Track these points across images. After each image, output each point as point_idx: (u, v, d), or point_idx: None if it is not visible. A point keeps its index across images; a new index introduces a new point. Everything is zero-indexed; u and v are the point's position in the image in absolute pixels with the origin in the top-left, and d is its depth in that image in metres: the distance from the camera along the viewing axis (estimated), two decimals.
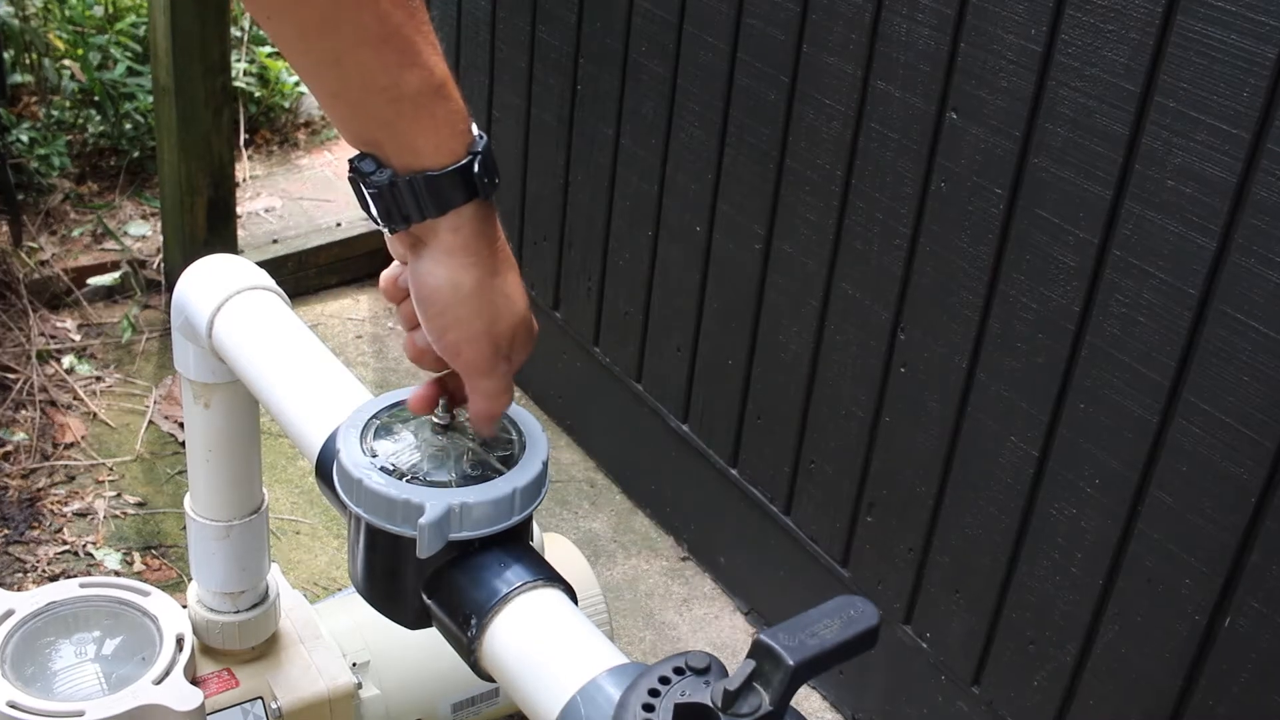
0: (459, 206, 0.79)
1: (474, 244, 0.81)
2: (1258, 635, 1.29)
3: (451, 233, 0.80)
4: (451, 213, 0.79)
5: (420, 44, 0.76)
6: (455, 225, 0.80)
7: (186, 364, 1.15)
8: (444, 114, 0.78)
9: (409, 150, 0.78)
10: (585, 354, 2.21)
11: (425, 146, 0.78)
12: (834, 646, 0.67)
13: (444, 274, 0.81)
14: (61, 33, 2.86)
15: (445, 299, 0.81)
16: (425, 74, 0.77)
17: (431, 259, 0.81)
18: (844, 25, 1.57)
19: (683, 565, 2.09)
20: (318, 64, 0.77)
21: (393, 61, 0.76)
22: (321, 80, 0.77)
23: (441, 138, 0.79)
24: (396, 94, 0.76)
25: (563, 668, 0.75)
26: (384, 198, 0.79)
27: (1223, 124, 1.22)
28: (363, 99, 0.77)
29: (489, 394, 0.85)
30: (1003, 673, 1.58)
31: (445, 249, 0.80)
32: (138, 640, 1.22)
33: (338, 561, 2.03)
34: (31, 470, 2.12)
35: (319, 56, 0.76)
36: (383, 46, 0.75)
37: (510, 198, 2.27)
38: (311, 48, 0.76)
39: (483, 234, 0.81)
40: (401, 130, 0.78)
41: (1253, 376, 1.24)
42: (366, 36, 0.74)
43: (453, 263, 0.81)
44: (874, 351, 1.65)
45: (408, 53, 0.76)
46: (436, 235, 0.80)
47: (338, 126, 0.80)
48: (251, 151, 3.07)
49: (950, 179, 1.49)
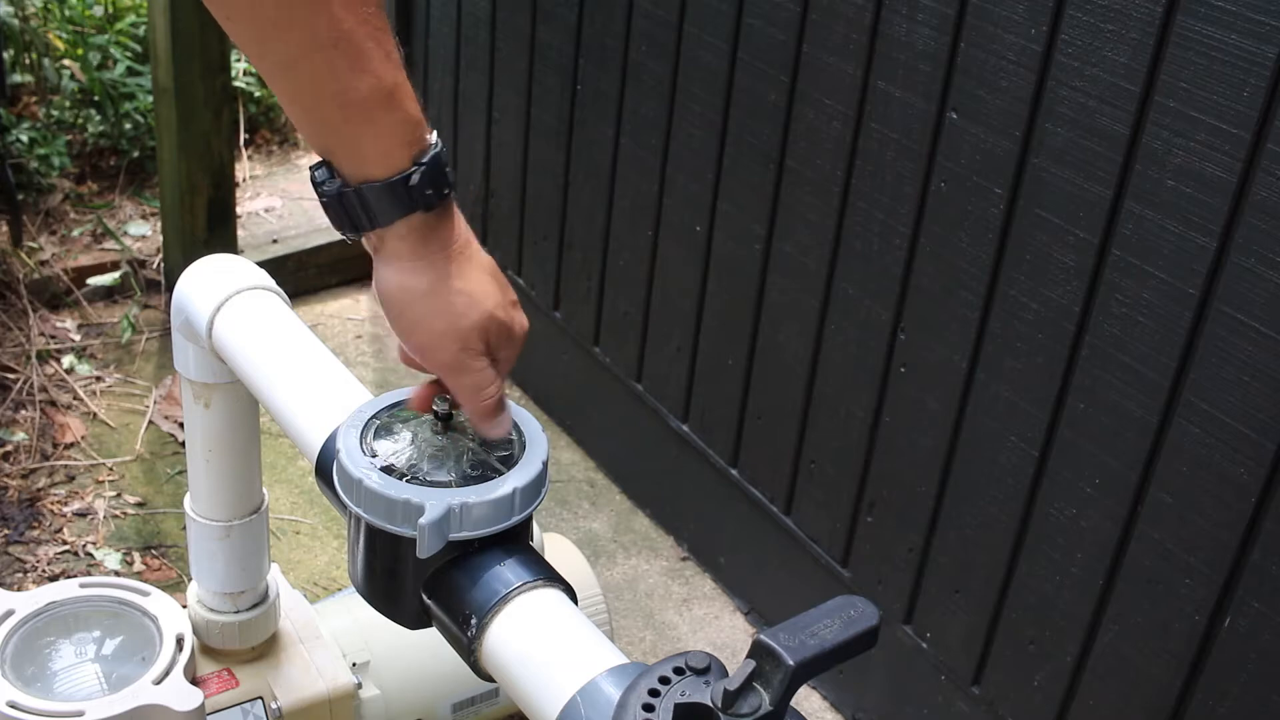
0: (402, 218, 0.80)
1: (422, 249, 0.82)
2: (1258, 635, 1.29)
3: (398, 240, 0.81)
4: (398, 221, 0.80)
5: (372, 51, 0.77)
6: (402, 234, 0.81)
7: (186, 364, 1.15)
8: (390, 123, 0.79)
9: (358, 158, 0.79)
10: (585, 354, 2.21)
11: (372, 155, 0.79)
12: (834, 646, 0.67)
13: (396, 278, 0.82)
14: (61, 33, 2.86)
15: (400, 301, 0.83)
16: (374, 81, 0.77)
17: (385, 264, 0.83)
18: (844, 25, 1.57)
19: (683, 565, 2.09)
20: (273, 67, 0.77)
21: (342, 67, 0.76)
22: (277, 84, 0.78)
23: (387, 146, 0.79)
24: (344, 100, 0.77)
25: (563, 668, 0.75)
26: (333, 207, 0.80)
27: (1223, 124, 1.22)
28: (314, 104, 0.78)
29: (469, 390, 0.86)
30: (1003, 673, 1.58)
31: (395, 255, 0.82)
32: (138, 640, 1.22)
33: (338, 561, 2.03)
34: (31, 470, 2.12)
35: (274, 60, 0.77)
36: (333, 51, 0.75)
37: (510, 198, 2.27)
38: (267, 51, 0.77)
39: (432, 239, 0.82)
40: (349, 137, 0.79)
41: (1253, 376, 1.24)
42: (318, 41, 0.75)
43: (403, 266, 0.82)
44: (874, 351, 1.65)
45: (358, 59, 0.76)
46: (385, 242, 0.82)
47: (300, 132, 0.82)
48: (251, 151, 3.07)
49: (950, 179, 1.49)
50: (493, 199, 2.32)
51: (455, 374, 0.85)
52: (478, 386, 0.86)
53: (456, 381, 0.86)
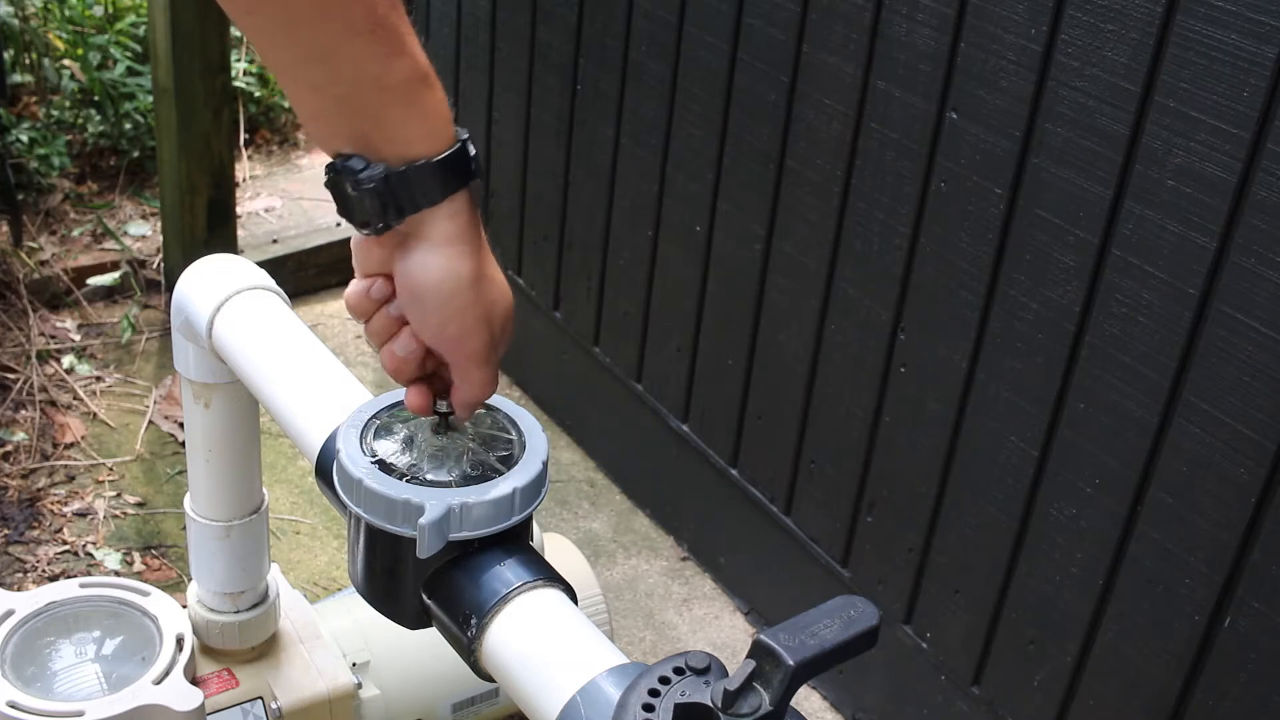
0: (455, 193, 0.79)
1: (469, 231, 0.81)
2: (1258, 635, 1.29)
3: (449, 220, 0.79)
4: (448, 200, 0.79)
5: (404, 32, 0.77)
6: (452, 212, 0.79)
7: (186, 364, 1.15)
8: (433, 102, 0.79)
9: (401, 140, 0.78)
10: (585, 354, 2.21)
11: (417, 135, 0.78)
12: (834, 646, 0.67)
13: (444, 264, 0.80)
14: (61, 33, 2.86)
15: (447, 290, 0.80)
16: (412, 62, 0.77)
17: (427, 251, 0.80)
18: (844, 25, 1.57)
19: (683, 565, 2.09)
20: (304, 58, 0.76)
21: (381, 51, 0.76)
22: (306, 75, 0.77)
23: (432, 125, 0.79)
24: (386, 83, 0.76)
25: (563, 668, 0.75)
26: (379, 193, 0.78)
27: (1223, 124, 1.22)
28: (351, 91, 0.77)
29: (483, 383, 0.85)
30: (1003, 673, 1.58)
31: (443, 238, 0.80)
32: (138, 640, 1.22)
33: (338, 561, 2.03)
34: (31, 470, 2.12)
35: (305, 50, 0.76)
36: (371, 36, 0.75)
37: (510, 198, 2.27)
38: (298, 40, 0.75)
39: (474, 220, 0.81)
40: (392, 121, 0.78)
41: (1253, 376, 1.24)
42: (355, 27, 0.74)
43: (451, 252, 0.80)
44: (874, 351, 1.65)
45: (394, 42, 0.76)
46: (433, 225, 0.80)
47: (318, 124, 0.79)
48: (251, 151, 3.07)
49: (950, 179, 1.49)
50: (493, 199, 2.32)
51: (480, 364, 0.84)
52: (491, 379, 0.85)
53: (478, 373, 0.84)
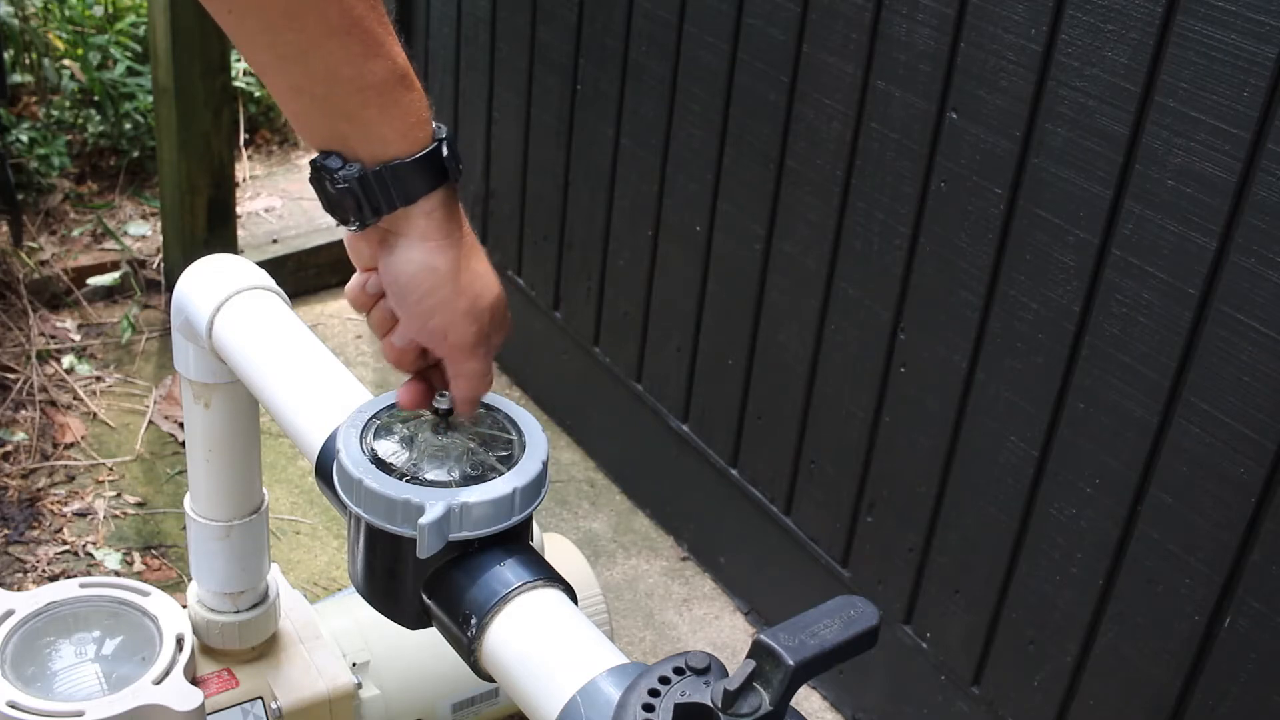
0: (431, 192, 0.81)
1: (446, 227, 0.82)
2: (1258, 635, 1.29)
3: (425, 217, 0.81)
4: (423, 198, 0.81)
5: (382, 34, 0.78)
6: (428, 210, 0.81)
7: (186, 364, 1.15)
8: (409, 102, 0.80)
9: (377, 140, 0.80)
10: (585, 354, 2.21)
11: (392, 135, 0.80)
12: (834, 646, 0.67)
13: (421, 259, 0.82)
14: (61, 33, 2.86)
15: (426, 284, 0.83)
16: (389, 63, 0.78)
17: (406, 247, 0.82)
18: (844, 25, 1.57)
19: (683, 565, 2.09)
20: (281, 58, 0.77)
21: (357, 52, 0.77)
22: (286, 75, 0.78)
23: (408, 125, 0.80)
24: (362, 84, 0.78)
25: (562, 668, 0.75)
26: (354, 192, 0.80)
27: (1223, 124, 1.22)
28: (328, 92, 0.78)
29: (474, 376, 0.86)
30: (1003, 673, 1.58)
31: (420, 234, 0.82)
32: (138, 640, 1.22)
33: (338, 561, 2.03)
34: (31, 470, 2.12)
35: (283, 50, 0.77)
36: (347, 38, 0.76)
37: (510, 198, 2.27)
38: (276, 41, 0.77)
39: (453, 217, 0.83)
40: (368, 121, 0.79)
41: (1253, 376, 1.24)
42: (331, 28, 0.76)
43: (428, 247, 0.82)
44: (874, 351, 1.65)
45: (371, 43, 0.77)
46: (410, 222, 0.82)
47: (299, 123, 0.81)
48: (251, 151, 3.07)
49: (950, 179, 1.49)
50: (493, 199, 2.32)
51: (469, 357, 0.85)
52: (483, 373, 0.86)
53: (467, 366, 0.86)
